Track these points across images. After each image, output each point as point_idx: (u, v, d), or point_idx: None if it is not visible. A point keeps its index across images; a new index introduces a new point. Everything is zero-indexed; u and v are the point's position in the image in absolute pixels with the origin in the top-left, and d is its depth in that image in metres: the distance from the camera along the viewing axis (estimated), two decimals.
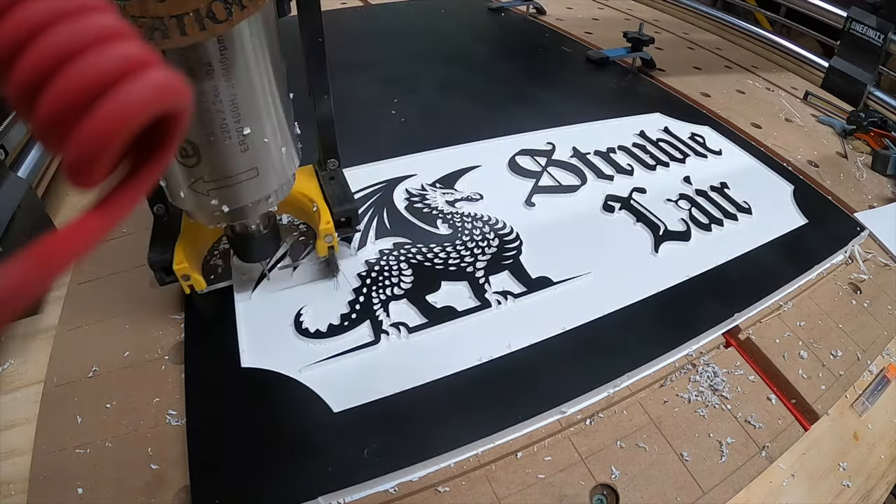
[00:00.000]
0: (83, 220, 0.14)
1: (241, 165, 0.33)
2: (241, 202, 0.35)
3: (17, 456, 0.36)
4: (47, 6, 0.13)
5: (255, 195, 0.35)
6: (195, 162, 0.32)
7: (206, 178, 0.33)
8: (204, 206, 0.34)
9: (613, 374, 0.41)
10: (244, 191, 0.35)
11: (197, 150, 0.32)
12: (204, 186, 0.33)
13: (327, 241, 0.44)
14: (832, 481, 0.38)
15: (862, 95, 0.83)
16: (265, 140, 0.34)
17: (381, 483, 0.35)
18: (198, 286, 0.42)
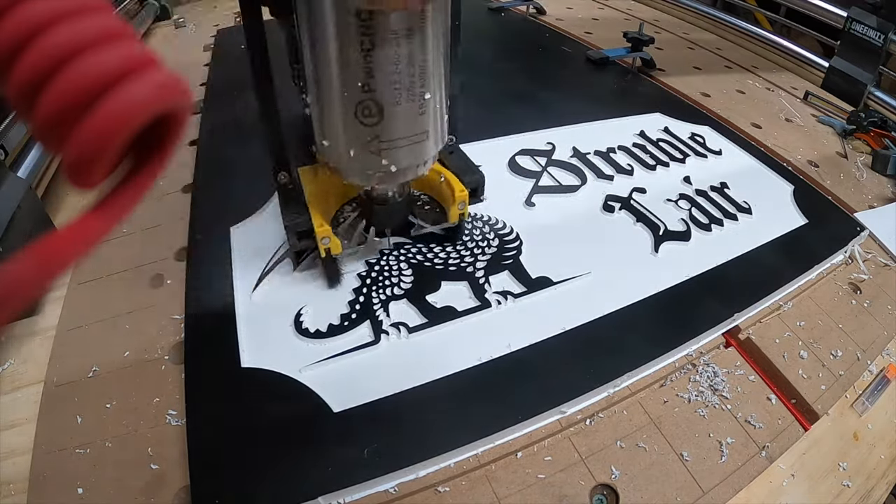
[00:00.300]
0: (83, 220, 0.14)
1: (417, 127, 0.36)
2: (409, 162, 0.37)
3: (17, 456, 0.36)
4: (47, 6, 0.13)
5: (422, 157, 0.38)
6: (377, 121, 0.34)
7: (382, 136, 0.35)
8: (372, 165, 0.36)
9: (613, 374, 0.41)
10: (414, 152, 0.37)
11: (381, 110, 0.34)
12: (378, 146, 0.35)
13: (460, 209, 0.45)
14: (832, 481, 0.38)
15: (862, 95, 0.83)
16: (437, 106, 0.37)
17: (381, 483, 0.35)
18: (335, 249, 0.42)
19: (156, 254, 0.52)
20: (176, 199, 0.59)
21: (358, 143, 0.35)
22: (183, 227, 0.54)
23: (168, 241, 0.53)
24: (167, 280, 0.49)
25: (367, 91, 0.33)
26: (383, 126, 0.35)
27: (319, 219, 0.42)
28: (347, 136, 0.35)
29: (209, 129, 0.69)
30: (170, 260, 0.51)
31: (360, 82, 0.33)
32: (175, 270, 0.49)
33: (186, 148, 0.66)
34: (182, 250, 0.52)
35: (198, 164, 0.62)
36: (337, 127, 0.35)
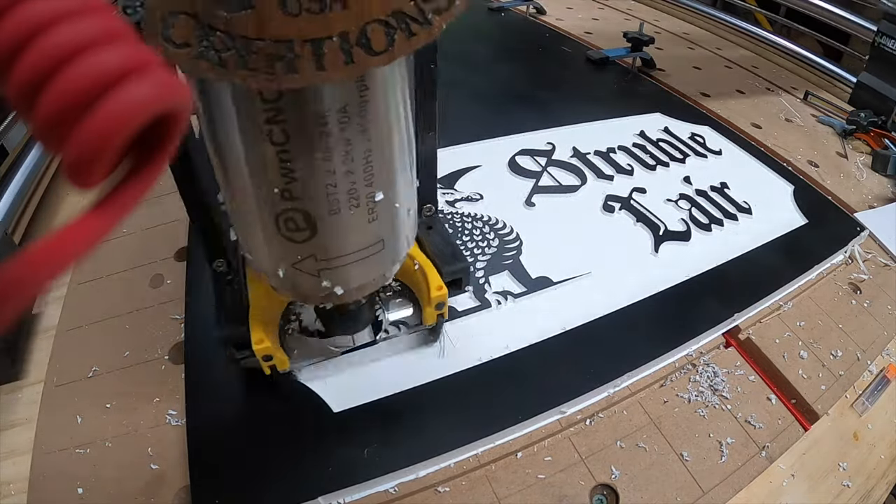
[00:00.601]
0: (83, 220, 0.14)
1: (365, 239, 0.26)
2: (358, 281, 0.28)
3: (17, 456, 0.36)
4: (47, 6, 0.13)
5: (377, 271, 0.28)
6: (307, 237, 0.25)
7: (319, 255, 0.26)
8: (310, 288, 0.27)
9: (613, 374, 0.41)
10: (367, 267, 0.27)
11: (312, 223, 0.24)
12: (314, 266, 0.26)
13: (438, 309, 0.37)
14: (832, 481, 0.38)
15: (892, 112, 0.80)
16: (396, 205, 0.26)
17: (381, 483, 0.35)
18: (280, 366, 0.35)
19: (156, 254, 0.52)
20: (176, 199, 0.58)
21: (286, 262, 0.26)
22: (183, 227, 0.54)
23: (168, 241, 0.53)
24: (167, 280, 0.49)
25: (287, 199, 0.23)
26: (318, 242, 0.25)
27: (259, 331, 0.33)
28: (272, 254, 0.26)
29: None
30: (170, 260, 0.51)
31: (277, 188, 0.23)
32: (175, 270, 0.49)
33: None
34: (182, 250, 0.52)
35: None
36: (257, 241, 0.26)
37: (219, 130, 0.23)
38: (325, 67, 0.17)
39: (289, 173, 0.22)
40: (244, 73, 0.17)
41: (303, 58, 0.17)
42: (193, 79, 0.21)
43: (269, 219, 0.24)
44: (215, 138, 0.23)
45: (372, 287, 0.30)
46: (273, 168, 0.22)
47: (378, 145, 0.23)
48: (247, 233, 0.27)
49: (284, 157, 0.22)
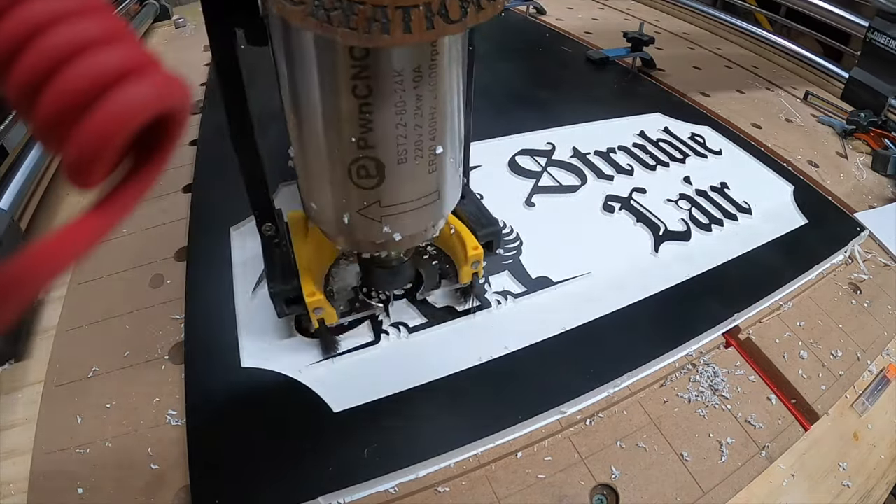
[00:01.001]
0: (83, 220, 0.14)
1: (426, 188, 0.29)
2: (416, 228, 0.31)
3: (17, 456, 0.36)
4: (47, 7, 0.13)
5: (431, 220, 0.31)
6: (376, 183, 0.28)
7: (383, 202, 0.28)
8: (371, 233, 0.30)
9: (613, 374, 0.41)
10: (422, 216, 0.30)
11: (381, 171, 0.27)
12: (378, 212, 0.29)
13: (473, 268, 0.39)
14: (832, 481, 0.38)
15: (883, 108, 0.81)
16: (451, 160, 0.30)
17: (381, 483, 0.35)
18: (329, 319, 0.37)
19: (156, 254, 0.52)
20: (176, 199, 0.59)
21: (353, 208, 0.29)
22: (183, 227, 0.54)
23: (168, 241, 0.53)
24: (167, 280, 0.49)
25: (363, 147, 0.26)
26: (384, 189, 0.28)
27: (311, 285, 0.36)
28: (340, 201, 0.29)
29: (209, 129, 0.69)
30: (170, 260, 0.51)
31: (355, 137, 0.26)
32: (175, 270, 0.49)
33: (186, 148, 0.66)
34: (182, 250, 0.52)
35: (198, 164, 0.62)
36: (326, 189, 0.29)
37: (304, 87, 0.26)
38: (411, 31, 0.20)
39: (367, 124, 0.25)
40: (345, 30, 0.20)
41: (394, 21, 0.20)
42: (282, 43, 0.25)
43: (343, 167, 0.27)
44: (299, 95, 0.26)
45: (422, 238, 0.33)
46: (353, 119, 0.25)
47: (441, 104, 0.27)
48: (316, 183, 0.30)
49: (365, 108, 0.25)
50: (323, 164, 0.28)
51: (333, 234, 0.32)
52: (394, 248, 0.32)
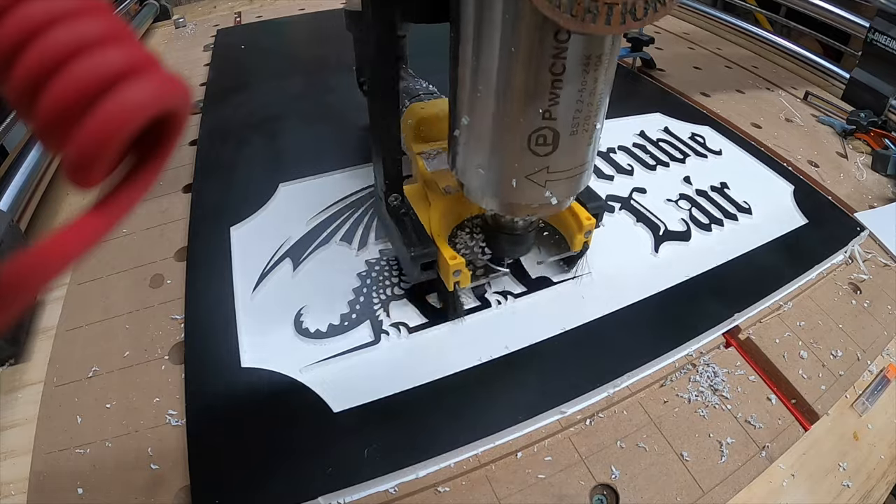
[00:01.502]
0: (83, 220, 0.14)
1: (582, 158, 0.34)
2: (566, 194, 0.36)
3: (17, 456, 0.36)
4: (47, 6, 0.13)
5: (576, 189, 0.36)
6: (549, 151, 0.32)
7: (551, 168, 0.33)
8: (534, 197, 0.34)
9: (613, 374, 0.41)
10: (572, 184, 0.35)
11: (556, 140, 0.32)
12: (544, 177, 0.33)
13: (586, 237, 0.44)
14: (832, 481, 0.38)
15: (884, 108, 0.81)
16: (600, 137, 0.35)
17: (381, 483, 0.35)
18: (464, 282, 0.40)
19: (156, 254, 0.52)
20: (176, 199, 0.59)
21: (523, 173, 0.33)
22: (183, 227, 0.54)
23: (168, 241, 0.53)
24: (167, 280, 0.49)
25: (546, 119, 0.31)
26: (554, 156, 0.32)
27: (447, 247, 0.39)
28: (512, 166, 0.33)
29: (209, 129, 0.69)
30: (170, 260, 0.51)
31: (542, 109, 0.30)
32: (175, 270, 0.49)
33: (186, 148, 0.66)
34: (182, 250, 0.52)
35: (198, 164, 0.62)
36: (501, 156, 0.33)
37: (498, 64, 0.30)
38: (610, 23, 0.26)
39: (554, 98, 0.30)
40: (567, 16, 0.25)
41: (600, 14, 0.25)
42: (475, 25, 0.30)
43: (524, 136, 0.32)
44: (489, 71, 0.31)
45: (566, 204, 0.37)
46: (544, 93, 0.30)
47: (605, 87, 0.32)
48: (491, 151, 0.34)
49: (556, 84, 0.30)
50: (504, 133, 0.32)
51: (495, 196, 0.36)
52: (546, 212, 0.38)
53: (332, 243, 0.51)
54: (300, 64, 0.88)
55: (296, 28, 1.04)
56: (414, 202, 0.43)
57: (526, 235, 0.41)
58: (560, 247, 0.47)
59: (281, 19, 1.07)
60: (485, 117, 0.33)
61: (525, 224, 0.41)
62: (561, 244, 0.47)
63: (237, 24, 1.07)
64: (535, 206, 0.36)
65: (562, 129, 0.31)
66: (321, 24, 1.04)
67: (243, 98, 0.76)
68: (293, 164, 0.61)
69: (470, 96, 0.33)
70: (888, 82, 0.81)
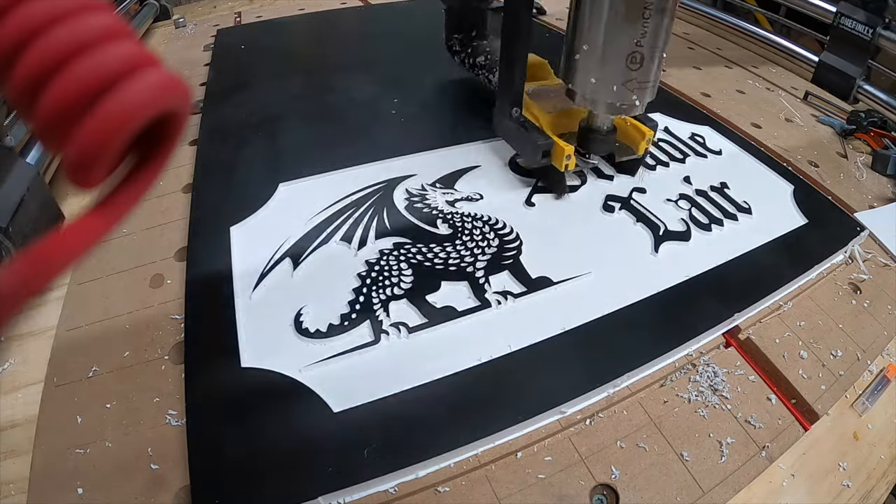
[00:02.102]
0: (84, 219, 0.14)
1: (654, 76, 0.48)
2: (643, 101, 0.50)
3: (17, 456, 0.36)
4: (48, 6, 0.13)
5: (647, 99, 0.50)
6: (638, 68, 0.47)
7: (638, 79, 0.47)
8: (626, 99, 0.49)
9: (613, 374, 0.41)
10: (648, 93, 0.49)
11: (643, 60, 0.46)
12: (635, 85, 0.48)
13: (648, 144, 0.57)
14: (832, 481, 0.38)
15: (852, 90, 0.84)
16: (663, 64, 0.49)
17: (381, 483, 0.35)
18: (571, 166, 0.54)
19: (156, 254, 0.52)
20: (176, 199, 0.59)
21: (621, 81, 0.48)
22: (183, 227, 0.54)
23: (168, 241, 0.53)
24: (167, 280, 0.49)
25: (637, 46, 0.46)
26: (641, 71, 0.47)
27: (561, 140, 0.54)
28: (615, 77, 0.47)
29: (209, 129, 0.69)
30: (170, 260, 0.51)
31: (636, 39, 0.45)
32: (175, 270, 0.49)
33: (186, 148, 0.66)
34: (182, 250, 0.52)
35: (198, 164, 0.62)
36: (610, 69, 0.47)
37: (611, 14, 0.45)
38: None
39: (644, 31, 0.45)
40: None
41: None
42: None
43: (623, 56, 0.46)
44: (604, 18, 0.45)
45: (641, 108, 0.51)
46: (637, 30, 0.45)
47: (671, 26, 0.46)
48: (601, 66, 0.48)
49: (645, 24, 0.45)
50: (612, 54, 0.47)
51: (601, 98, 0.50)
52: (631, 111, 0.50)
53: (332, 243, 0.51)
54: (300, 64, 0.88)
55: (296, 28, 1.04)
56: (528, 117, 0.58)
57: (609, 136, 0.55)
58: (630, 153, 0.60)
59: (281, 19, 1.07)
60: (599, 44, 0.47)
61: (608, 128, 0.55)
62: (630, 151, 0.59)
63: (237, 24, 1.07)
64: (626, 107, 0.50)
65: (647, 53, 0.46)
66: (321, 24, 1.04)
67: (243, 98, 0.76)
68: (293, 164, 0.61)
69: (589, 30, 0.47)
70: (855, 64, 0.83)
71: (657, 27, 0.45)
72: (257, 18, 1.09)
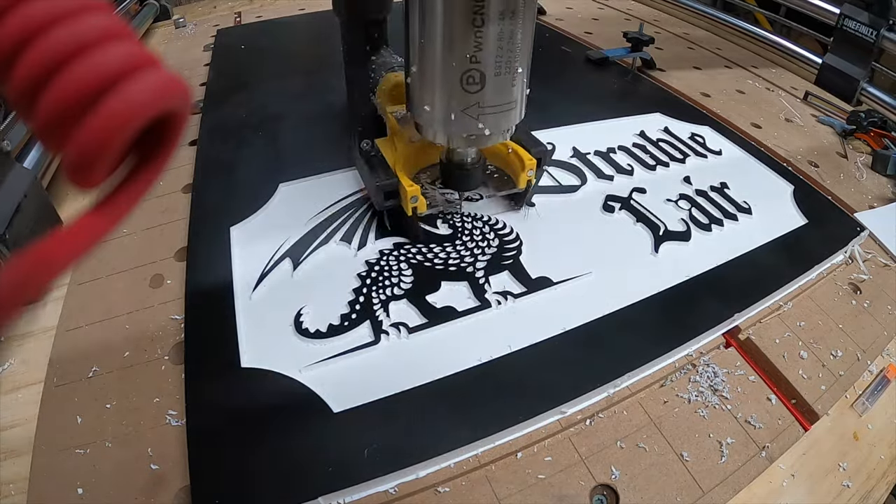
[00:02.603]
0: (84, 220, 0.14)
1: (508, 97, 0.41)
2: (498, 128, 0.42)
3: (17, 456, 0.36)
4: (48, 6, 0.13)
5: (508, 124, 0.43)
6: (478, 89, 0.40)
7: (481, 103, 0.40)
8: (469, 128, 0.42)
9: (613, 374, 0.41)
10: (503, 119, 0.42)
11: (484, 80, 0.39)
12: (477, 111, 0.41)
13: (529, 175, 0.51)
14: (832, 481, 0.38)
15: (855, 91, 0.84)
16: (524, 80, 0.42)
17: (381, 483, 0.35)
18: (421, 208, 0.47)
19: (156, 254, 0.52)
20: (176, 199, 0.59)
21: (459, 108, 0.40)
22: (183, 227, 0.54)
23: (168, 241, 0.53)
24: (167, 280, 0.49)
25: (473, 63, 0.38)
26: (483, 94, 0.40)
27: (407, 180, 0.47)
28: (451, 102, 0.41)
29: (209, 129, 0.69)
30: (170, 260, 0.51)
31: (469, 54, 0.38)
32: (175, 270, 0.49)
33: (186, 148, 0.66)
34: (182, 250, 0.52)
35: (198, 164, 0.62)
36: (441, 93, 0.41)
37: (436, 22, 0.37)
38: None
39: (478, 45, 0.37)
40: None
41: None
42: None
43: (457, 77, 0.39)
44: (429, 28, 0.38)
45: (500, 137, 0.44)
46: (469, 41, 0.37)
47: (524, 38, 0.39)
48: (434, 90, 0.41)
49: (478, 34, 0.37)
50: (442, 75, 0.40)
51: (440, 129, 0.43)
52: (483, 142, 0.43)
53: (332, 243, 0.51)
54: (300, 64, 0.88)
55: (296, 28, 1.04)
56: (385, 151, 0.51)
57: (474, 171, 0.48)
58: (510, 186, 0.54)
59: (281, 19, 1.07)
60: (427, 64, 0.40)
61: (473, 160, 0.48)
62: (510, 184, 0.54)
63: (237, 24, 1.07)
64: (473, 137, 0.42)
65: (487, 71, 0.39)
66: (321, 24, 1.04)
67: (243, 98, 0.76)
68: (293, 164, 0.61)
69: (417, 49, 0.40)
70: (859, 66, 0.83)
71: (500, 36, 0.37)
72: (257, 18, 1.09)
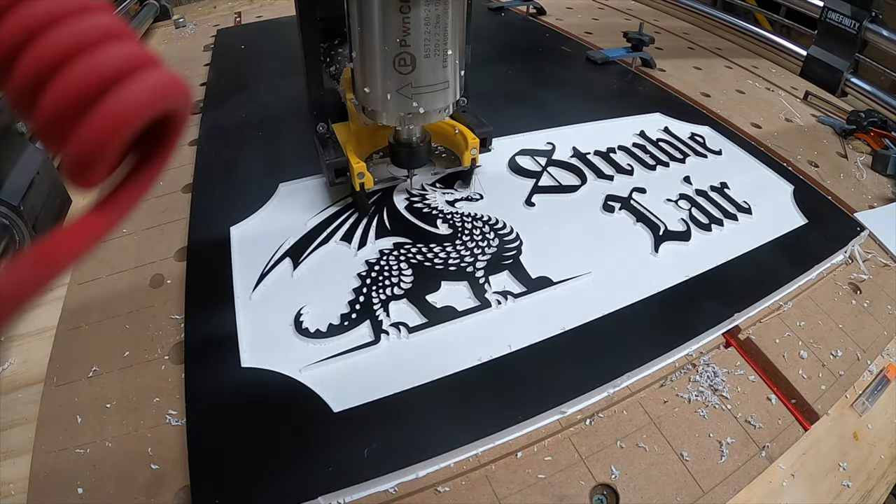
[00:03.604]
0: (84, 219, 0.14)
1: (440, 77, 0.44)
2: (433, 106, 0.46)
3: (17, 456, 0.36)
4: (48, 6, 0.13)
5: (443, 103, 0.46)
6: (410, 70, 0.43)
7: (414, 84, 0.44)
8: (404, 107, 0.45)
9: (613, 374, 0.41)
10: (437, 98, 0.45)
11: (414, 62, 0.42)
12: (410, 91, 0.44)
13: (472, 154, 0.54)
14: (832, 481, 0.38)
15: (839, 83, 0.85)
16: (456, 62, 0.45)
17: (381, 483, 0.35)
18: (368, 184, 0.50)
19: (156, 254, 0.52)
20: (176, 199, 0.59)
21: (394, 88, 0.44)
22: (183, 227, 0.54)
23: (168, 241, 0.53)
24: (167, 280, 0.49)
25: (403, 46, 0.42)
26: (415, 74, 0.43)
27: (355, 158, 0.50)
28: (386, 83, 0.44)
29: (209, 129, 0.69)
30: (170, 260, 0.51)
31: (398, 38, 0.41)
32: (175, 270, 0.49)
33: (186, 148, 0.66)
34: (182, 250, 0.52)
35: (198, 164, 0.62)
36: (377, 76, 0.44)
37: (370, 11, 0.41)
38: None
39: (407, 29, 0.41)
40: None
41: None
42: None
43: (390, 60, 0.42)
44: (365, 16, 0.41)
45: (437, 116, 0.47)
46: (398, 26, 0.41)
47: (454, 22, 0.42)
48: (371, 73, 0.44)
49: (406, 20, 0.40)
50: (377, 58, 0.43)
51: (380, 109, 0.46)
52: (419, 120, 0.47)
53: (332, 243, 0.51)
54: (300, 64, 0.88)
55: (296, 28, 1.04)
56: (339, 133, 0.54)
57: (419, 149, 0.51)
58: (455, 165, 0.57)
59: (281, 19, 1.07)
60: (363, 49, 0.44)
61: (418, 139, 0.51)
62: (456, 163, 0.57)
63: (237, 24, 1.07)
64: (410, 116, 0.46)
65: (417, 53, 0.42)
66: None
67: (243, 98, 0.76)
68: (293, 164, 0.61)
69: (357, 36, 0.44)
70: (842, 57, 0.85)
71: (427, 21, 0.41)
72: (257, 18, 1.09)
